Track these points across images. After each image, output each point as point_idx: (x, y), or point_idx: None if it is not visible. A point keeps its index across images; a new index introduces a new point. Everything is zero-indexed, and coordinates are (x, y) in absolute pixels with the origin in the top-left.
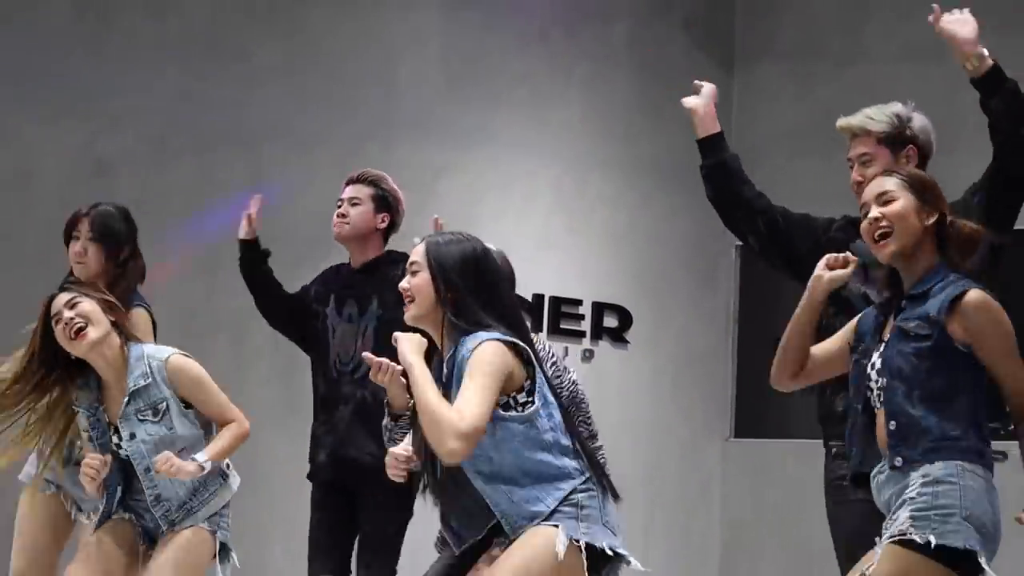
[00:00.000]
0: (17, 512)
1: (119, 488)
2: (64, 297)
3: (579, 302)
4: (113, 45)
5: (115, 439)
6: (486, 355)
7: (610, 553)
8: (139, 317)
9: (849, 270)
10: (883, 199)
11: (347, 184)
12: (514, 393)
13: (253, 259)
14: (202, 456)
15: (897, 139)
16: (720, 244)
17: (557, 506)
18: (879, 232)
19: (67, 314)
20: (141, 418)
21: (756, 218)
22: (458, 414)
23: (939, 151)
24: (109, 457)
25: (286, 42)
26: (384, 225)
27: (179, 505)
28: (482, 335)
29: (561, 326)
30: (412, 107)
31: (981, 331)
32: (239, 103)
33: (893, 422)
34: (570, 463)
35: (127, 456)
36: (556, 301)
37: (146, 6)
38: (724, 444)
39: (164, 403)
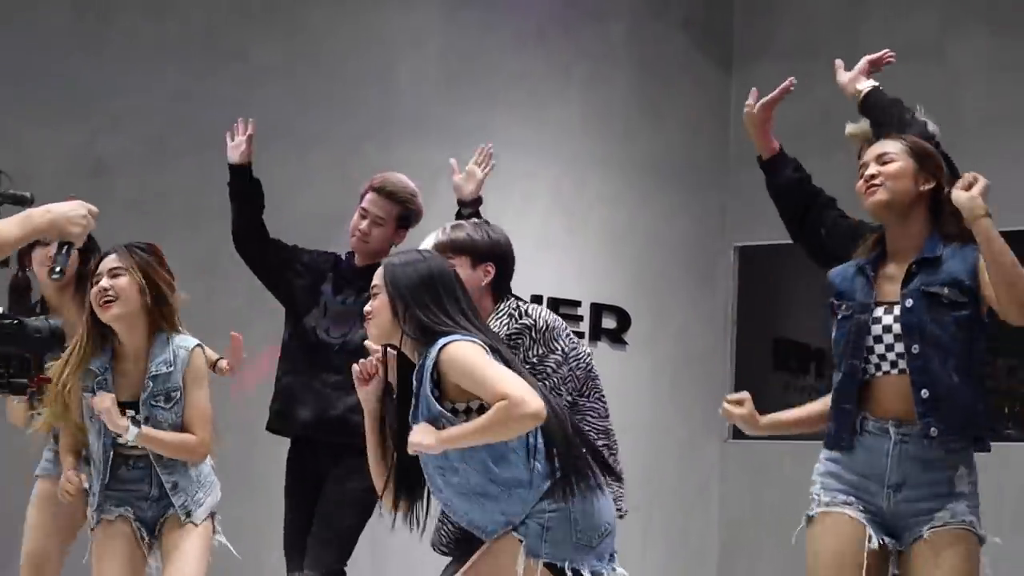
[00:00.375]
0: (30, 503)
1: (107, 469)
2: (112, 262)
3: (577, 303)
4: (112, 45)
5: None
6: (460, 351)
7: (580, 573)
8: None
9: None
10: (883, 159)
11: (375, 192)
12: (478, 401)
13: (244, 188)
14: (142, 428)
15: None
16: (719, 244)
17: (525, 518)
18: (871, 186)
19: (105, 281)
20: (155, 403)
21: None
22: (505, 399)
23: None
24: (84, 478)
25: (284, 42)
26: (400, 240)
27: (193, 495)
28: (442, 340)
29: None
30: (411, 107)
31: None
32: (238, 103)
33: (926, 391)
34: (541, 468)
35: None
36: (554, 302)
37: (145, 7)
38: (722, 445)
39: (178, 392)
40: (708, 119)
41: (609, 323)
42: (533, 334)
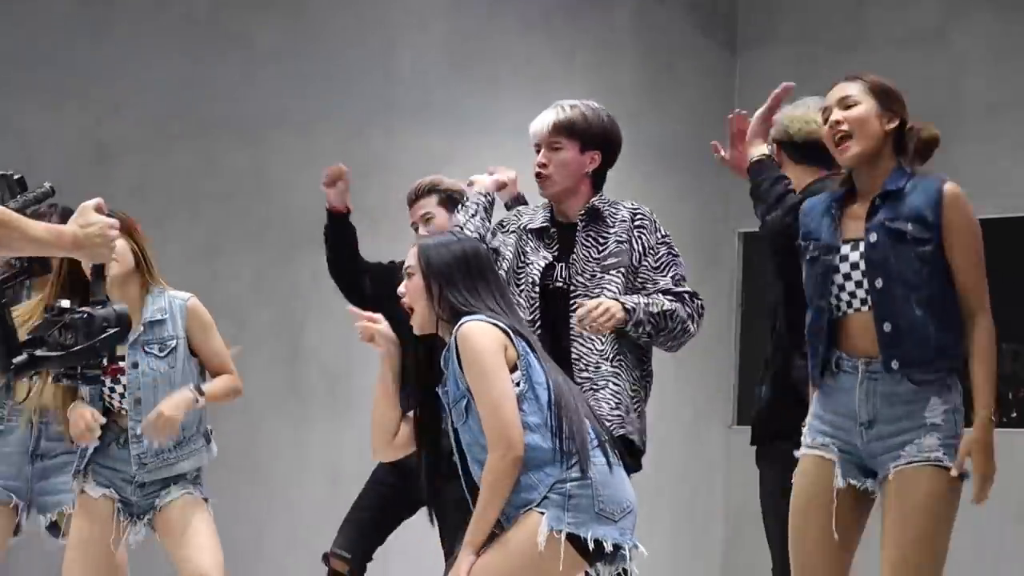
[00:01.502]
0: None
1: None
2: None
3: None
4: (114, 30)
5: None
6: (469, 343)
7: (602, 545)
8: None
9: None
10: (845, 103)
11: (412, 204)
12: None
13: (342, 232)
14: (198, 390)
15: None
16: (723, 230)
17: (547, 492)
18: (840, 135)
19: None
20: (147, 350)
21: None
22: (492, 450)
23: (941, 137)
24: (100, 416)
25: (287, 26)
26: None
27: (156, 452)
28: (463, 320)
29: None
30: (414, 92)
31: (955, 226)
32: (240, 88)
33: (888, 324)
34: (559, 445)
35: (117, 395)
36: None
37: None
38: (727, 431)
39: (174, 341)
40: (713, 104)
41: None
42: None
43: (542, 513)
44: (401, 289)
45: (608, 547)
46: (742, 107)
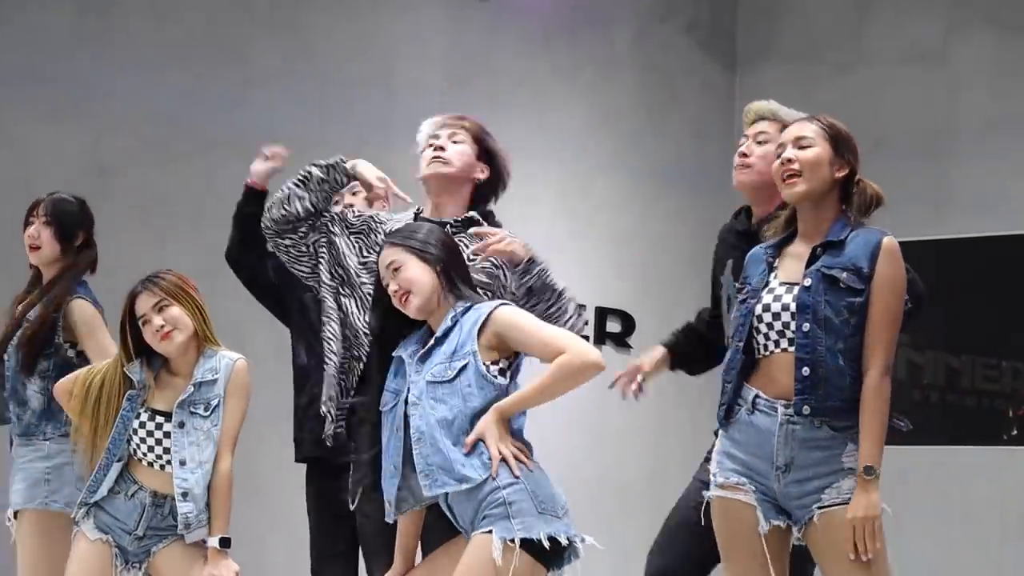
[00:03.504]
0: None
1: (112, 471)
2: (150, 300)
3: (582, 307)
4: (114, 47)
5: (144, 423)
6: (513, 311)
7: (558, 542)
8: (81, 308)
9: None
10: (800, 143)
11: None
12: (489, 363)
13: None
14: (216, 537)
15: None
16: None
17: (485, 510)
18: (788, 172)
19: (156, 320)
20: (193, 411)
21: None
22: (564, 352)
23: (937, 153)
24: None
25: (286, 44)
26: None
27: (199, 512)
28: (495, 302)
29: None
30: (412, 109)
31: (883, 278)
32: (239, 105)
33: (807, 368)
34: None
35: (145, 447)
36: None
37: (147, 8)
38: None
39: (217, 400)
40: (713, 123)
41: (614, 327)
42: None
43: (489, 532)
44: (393, 288)
45: (563, 541)
46: (743, 125)
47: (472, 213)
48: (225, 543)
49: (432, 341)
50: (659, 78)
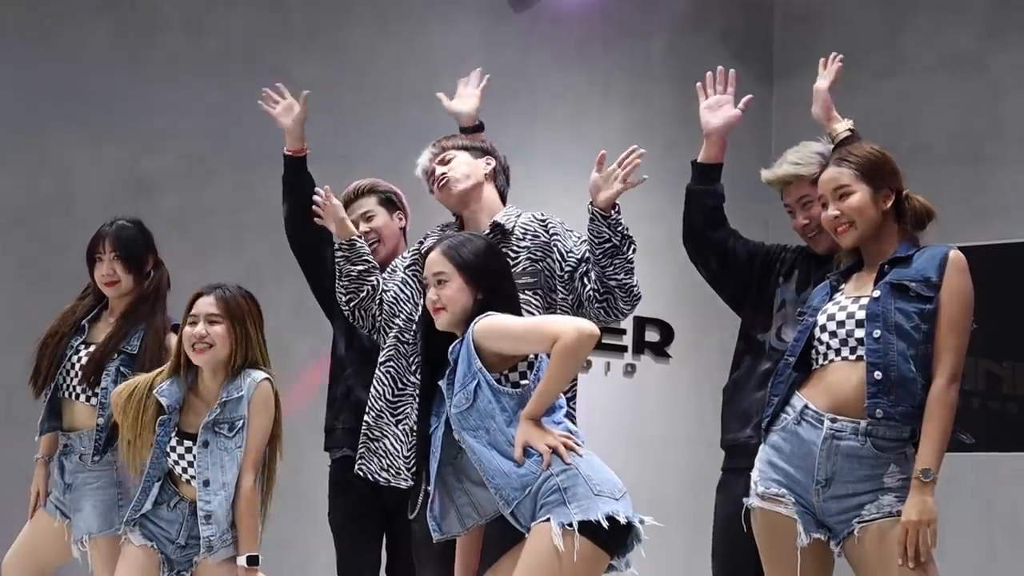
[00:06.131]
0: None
1: (155, 488)
2: (210, 307)
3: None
4: (153, 65)
5: (177, 447)
6: (487, 321)
7: (617, 521)
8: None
9: None
10: (839, 193)
11: (349, 203)
12: (506, 371)
13: (306, 179)
14: (244, 556)
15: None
16: None
17: (539, 497)
18: (838, 225)
19: (200, 329)
20: (217, 430)
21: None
22: (557, 338)
23: (977, 159)
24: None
25: (325, 60)
26: (404, 223)
27: (222, 533)
28: (475, 320)
29: (603, 341)
30: (451, 124)
31: (952, 289)
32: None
33: (879, 372)
34: None
35: (181, 469)
36: None
37: (185, 26)
38: None
39: (241, 421)
40: (749, 133)
41: (652, 336)
42: None
43: (547, 520)
44: (432, 298)
45: (623, 521)
46: (780, 135)
47: (496, 219)
48: (253, 561)
49: (451, 367)
50: (694, 89)
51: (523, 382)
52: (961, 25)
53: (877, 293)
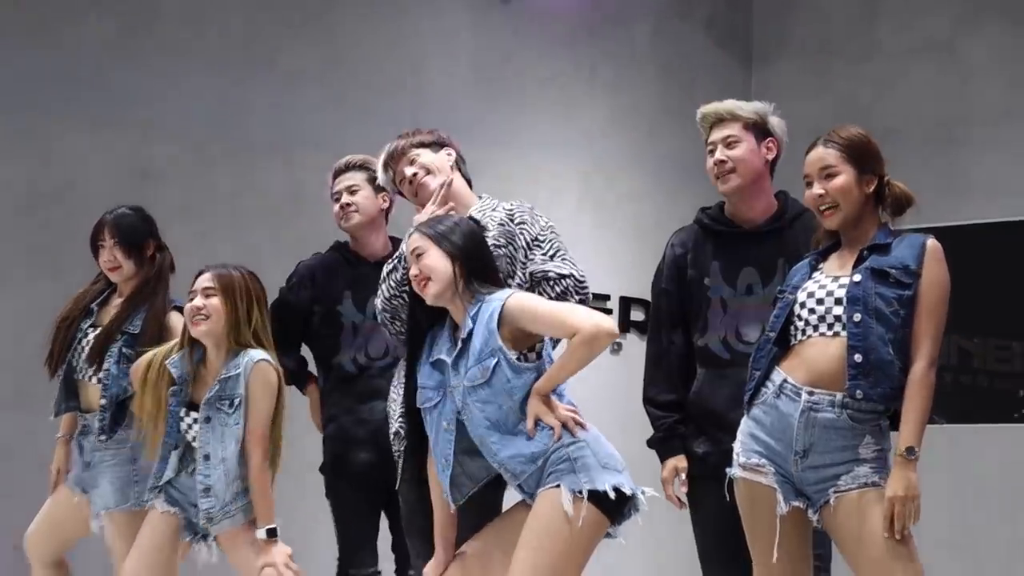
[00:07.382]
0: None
1: (173, 458)
2: (206, 282)
3: (607, 296)
4: (153, 55)
5: (185, 418)
6: (525, 298)
7: (623, 492)
8: (179, 321)
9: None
10: (825, 173)
11: (338, 175)
12: (525, 351)
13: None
14: (263, 528)
15: (761, 129)
16: None
17: (548, 466)
18: (824, 206)
19: (197, 301)
20: (219, 406)
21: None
22: (577, 332)
23: (952, 143)
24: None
25: (319, 49)
26: (386, 206)
27: (222, 505)
28: (506, 291)
29: None
30: (441, 109)
31: (931, 277)
32: (276, 108)
33: (859, 355)
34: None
35: (192, 437)
36: None
37: (185, 17)
38: None
39: (239, 399)
40: None
41: (638, 315)
42: None
43: (557, 486)
44: (414, 272)
45: (627, 492)
46: None
47: (471, 214)
48: (272, 533)
49: (460, 344)
50: (678, 74)
51: (531, 364)
52: (933, 12)
53: (858, 277)
